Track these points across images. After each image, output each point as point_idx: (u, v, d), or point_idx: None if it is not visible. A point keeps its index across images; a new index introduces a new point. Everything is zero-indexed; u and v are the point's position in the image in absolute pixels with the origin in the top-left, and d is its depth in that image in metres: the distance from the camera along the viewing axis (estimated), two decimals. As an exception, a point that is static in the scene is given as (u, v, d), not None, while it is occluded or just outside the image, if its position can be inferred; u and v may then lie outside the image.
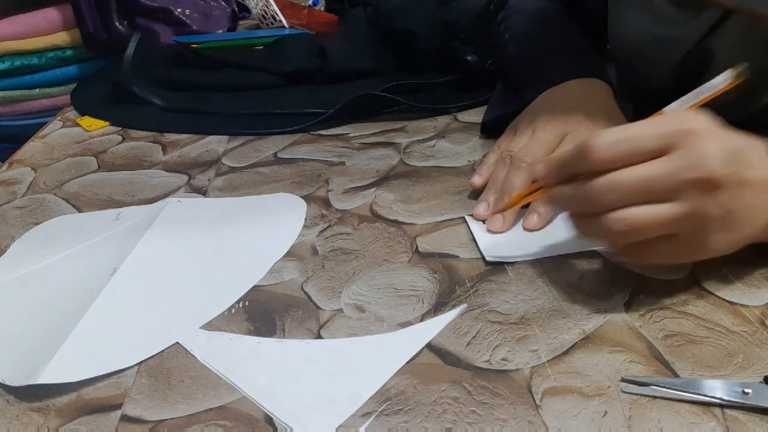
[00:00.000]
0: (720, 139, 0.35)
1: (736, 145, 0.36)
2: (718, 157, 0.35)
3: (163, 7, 1.08)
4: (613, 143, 0.36)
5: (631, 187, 0.36)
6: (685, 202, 0.35)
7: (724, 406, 0.33)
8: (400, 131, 0.70)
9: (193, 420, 0.35)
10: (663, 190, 0.35)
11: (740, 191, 0.36)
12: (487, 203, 0.51)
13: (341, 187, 0.59)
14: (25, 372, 0.38)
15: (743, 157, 0.36)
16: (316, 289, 0.45)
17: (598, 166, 0.36)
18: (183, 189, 0.62)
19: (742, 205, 0.36)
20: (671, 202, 0.36)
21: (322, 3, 1.24)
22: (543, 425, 0.33)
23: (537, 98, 0.57)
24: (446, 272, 0.45)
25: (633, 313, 0.39)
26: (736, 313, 0.39)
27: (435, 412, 0.34)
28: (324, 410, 0.35)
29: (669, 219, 0.36)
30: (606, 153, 0.36)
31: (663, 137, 0.36)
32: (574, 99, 0.55)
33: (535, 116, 0.53)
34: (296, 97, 0.83)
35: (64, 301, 0.45)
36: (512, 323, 0.40)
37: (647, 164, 0.36)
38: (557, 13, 0.69)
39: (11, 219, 0.59)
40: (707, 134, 0.35)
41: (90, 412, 0.36)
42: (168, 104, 0.83)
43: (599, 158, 0.36)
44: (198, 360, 0.39)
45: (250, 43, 1.03)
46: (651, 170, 0.35)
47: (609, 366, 0.36)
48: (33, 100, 1.08)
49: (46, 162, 0.71)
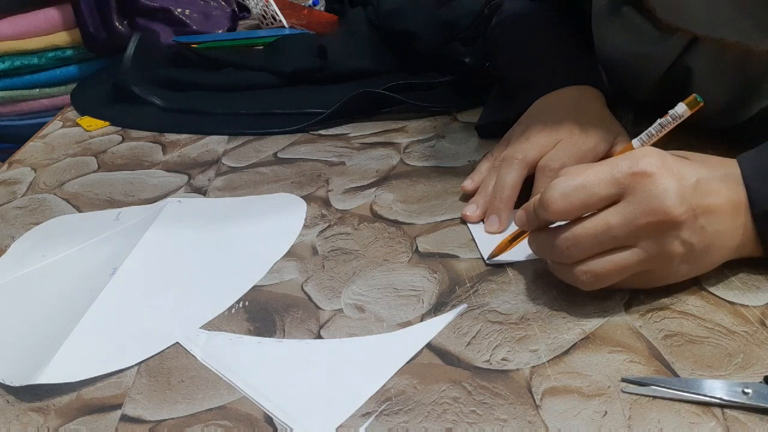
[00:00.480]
0: (672, 177, 0.36)
1: (690, 180, 0.37)
2: (672, 197, 0.35)
3: (163, 7, 1.08)
4: (569, 194, 0.37)
5: (591, 240, 0.37)
6: (647, 245, 0.37)
7: (724, 406, 0.33)
8: (400, 131, 0.70)
9: (193, 420, 0.35)
10: (623, 238, 0.37)
11: (702, 223, 0.37)
12: (476, 205, 0.51)
13: (341, 187, 0.59)
14: (25, 372, 0.38)
15: (700, 189, 0.37)
16: (316, 289, 0.45)
17: (557, 219, 0.38)
18: (183, 189, 0.62)
19: (707, 236, 0.37)
20: (633, 248, 0.37)
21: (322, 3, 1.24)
22: (543, 425, 0.33)
23: (530, 107, 0.57)
24: (446, 272, 0.45)
25: (633, 313, 0.39)
26: (736, 313, 0.39)
27: (435, 412, 0.34)
28: (324, 410, 0.35)
29: (633, 264, 0.37)
30: (562, 206, 0.37)
31: (616, 183, 0.37)
32: (567, 107, 0.55)
33: (529, 125, 0.54)
34: (296, 97, 0.83)
35: (63, 301, 0.45)
36: (512, 323, 0.40)
37: (605, 213, 0.37)
38: (551, 19, 0.69)
39: (11, 219, 0.59)
40: (659, 174, 0.36)
41: (90, 412, 0.36)
42: (168, 104, 0.83)
43: (556, 212, 0.38)
44: (198, 360, 0.39)
45: (250, 43, 1.03)
46: (608, 220, 0.37)
47: (609, 366, 0.36)
48: (33, 100, 1.08)
49: (46, 162, 0.71)
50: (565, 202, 0.37)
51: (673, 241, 0.36)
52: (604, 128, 0.53)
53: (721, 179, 0.38)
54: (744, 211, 0.38)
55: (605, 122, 0.54)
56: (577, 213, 0.37)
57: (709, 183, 0.37)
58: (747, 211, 0.38)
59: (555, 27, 0.67)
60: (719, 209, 0.37)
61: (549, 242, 0.39)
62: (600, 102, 0.57)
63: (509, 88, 0.66)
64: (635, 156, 0.37)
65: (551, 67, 0.62)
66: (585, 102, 0.56)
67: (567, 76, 0.58)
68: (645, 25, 0.53)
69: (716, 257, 0.39)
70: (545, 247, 0.40)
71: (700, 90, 0.40)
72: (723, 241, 0.38)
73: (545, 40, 0.66)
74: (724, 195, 0.37)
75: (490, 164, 0.55)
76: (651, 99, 0.57)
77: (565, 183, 0.38)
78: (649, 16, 0.53)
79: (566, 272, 0.39)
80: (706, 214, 0.37)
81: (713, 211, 0.37)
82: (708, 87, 0.51)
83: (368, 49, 0.91)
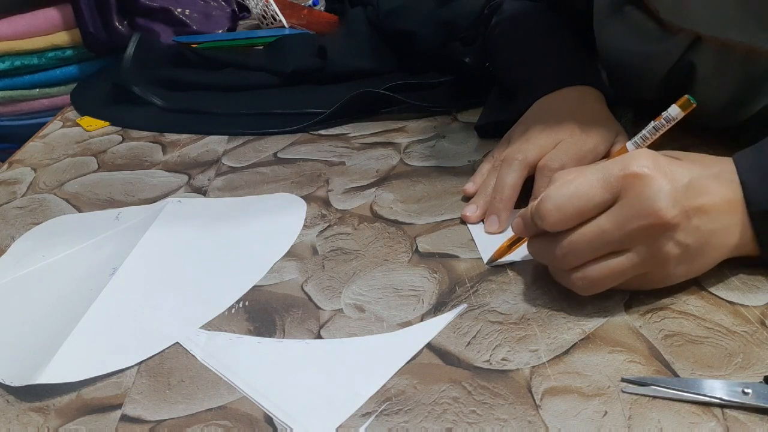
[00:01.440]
0: (665, 178, 0.36)
1: (682, 181, 0.37)
2: (665, 199, 0.35)
3: (163, 7, 1.08)
4: (563, 205, 0.37)
5: (586, 247, 0.37)
6: (641, 248, 0.37)
7: (724, 406, 0.33)
8: (400, 131, 0.70)
9: (193, 420, 0.35)
10: (617, 242, 0.37)
11: (697, 222, 0.37)
12: (476, 206, 0.51)
13: (341, 187, 0.59)
14: (25, 372, 0.38)
15: (692, 189, 0.37)
16: (316, 289, 0.45)
17: (554, 230, 0.38)
18: (183, 189, 0.62)
19: (702, 235, 0.37)
20: (628, 252, 0.37)
21: (322, 3, 1.24)
22: (543, 425, 0.33)
23: (530, 108, 0.57)
24: (446, 272, 0.45)
25: (633, 313, 0.39)
26: (736, 313, 0.39)
27: (435, 412, 0.34)
28: (324, 410, 0.35)
29: (628, 268, 0.37)
30: (558, 217, 0.37)
31: (609, 187, 0.37)
32: (567, 107, 0.55)
33: (529, 126, 0.54)
34: (296, 97, 0.83)
35: (63, 301, 0.45)
36: (512, 323, 0.40)
37: (598, 219, 0.37)
38: (550, 19, 0.69)
39: (11, 219, 0.59)
40: (651, 176, 0.36)
41: (90, 412, 0.36)
42: (168, 104, 0.83)
43: (552, 224, 0.38)
44: (198, 360, 0.39)
45: (250, 43, 1.03)
46: (602, 225, 0.37)
47: (609, 366, 0.36)
48: (33, 100, 1.07)
49: (46, 162, 0.71)
50: (560, 213, 0.37)
51: (667, 243, 0.36)
52: (605, 128, 0.53)
53: (714, 177, 0.38)
54: (740, 209, 0.38)
55: (605, 122, 0.54)
56: (573, 222, 0.37)
57: (702, 182, 0.37)
58: (743, 209, 0.38)
59: (554, 27, 0.67)
60: (713, 208, 0.37)
61: (546, 248, 0.39)
62: (600, 102, 0.57)
63: (509, 88, 0.66)
64: (627, 159, 0.37)
65: (551, 68, 0.62)
66: (585, 102, 0.56)
67: (567, 76, 0.58)
68: (648, 23, 0.53)
69: (713, 256, 0.39)
70: (543, 253, 0.40)
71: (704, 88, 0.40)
72: (719, 239, 0.38)
73: (545, 40, 0.66)
74: (719, 193, 0.37)
75: (491, 166, 0.55)
76: (655, 98, 0.57)
77: (558, 193, 0.38)
78: (652, 15, 0.52)
79: (564, 277, 0.40)
80: (699, 213, 0.36)
81: (707, 210, 0.37)
82: (711, 85, 0.51)
83: (368, 49, 0.91)
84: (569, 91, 0.57)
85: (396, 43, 0.89)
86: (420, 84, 0.79)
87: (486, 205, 0.51)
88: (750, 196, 0.37)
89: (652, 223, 0.35)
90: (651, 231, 0.36)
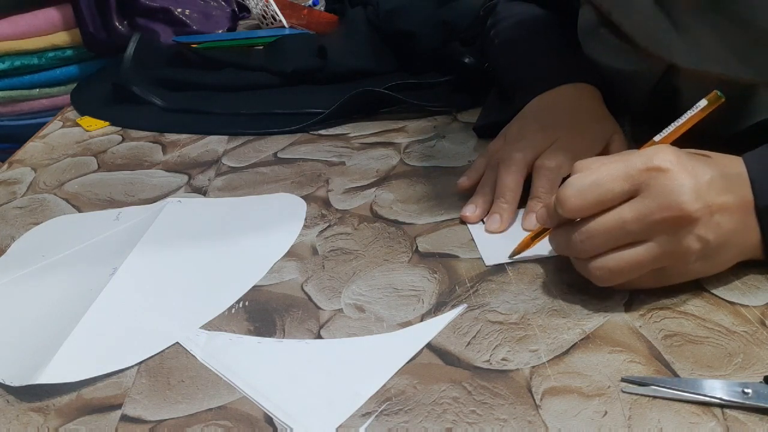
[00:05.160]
0: (687, 173, 0.36)
1: (705, 177, 0.36)
2: (687, 193, 0.35)
3: (163, 7, 1.08)
4: (584, 191, 0.37)
5: (606, 235, 0.37)
6: (662, 240, 0.36)
7: (724, 406, 0.33)
8: (400, 131, 0.70)
9: (193, 420, 0.35)
10: (637, 233, 0.37)
11: (719, 219, 0.37)
12: (475, 206, 0.51)
13: (341, 187, 0.59)
14: (25, 372, 0.38)
15: (714, 187, 0.37)
16: (316, 289, 0.45)
17: (573, 216, 0.38)
18: (183, 189, 0.62)
19: (722, 233, 0.37)
20: (648, 243, 0.37)
21: (322, 3, 1.24)
22: (543, 425, 0.33)
23: (527, 105, 0.57)
24: (446, 272, 0.45)
25: (633, 313, 0.39)
26: (736, 313, 0.39)
27: (435, 412, 0.34)
28: (324, 410, 0.35)
29: (647, 260, 0.37)
30: (576, 203, 0.37)
31: (631, 179, 0.37)
32: (563, 105, 0.55)
33: (525, 123, 0.54)
34: (296, 97, 0.83)
35: (63, 301, 0.45)
36: (512, 323, 0.40)
37: (619, 209, 0.37)
38: (545, 19, 0.69)
39: (11, 219, 0.59)
40: (674, 170, 0.36)
41: (90, 412, 0.36)
42: (168, 104, 0.83)
43: (571, 209, 0.38)
44: (198, 360, 0.39)
45: (250, 43, 1.03)
46: (623, 215, 0.37)
47: (609, 366, 0.36)
48: (33, 100, 1.07)
49: (46, 162, 0.71)
50: (579, 199, 0.37)
51: (687, 236, 0.36)
52: (600, 126, 0.53)
53: (736, 177, 0.38)
54: (752, 210, 0.38)
55: (601, 120, 0.54)
56: (593, 210, 0.37)
57: (723, 181, 0.37)
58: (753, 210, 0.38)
59: (549, 26, 0.67)
60: (733, 207, 0.37)
61: (566, 238, 0.39)
62: (596, 99, 0.56)
63: (506, 87, 0.66)
64: (650, 152, 0.37)
65: (546, 66, 0.62)
66: (581, 100, 0.56)
67: (562, 74, 0.58)
68: (624, 46, 0.53)
69: (730, 255, 0.39)
70: (562, 243, 0.40)
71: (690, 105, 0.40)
72: (737, 239, 0.38)
73: (540, 39, 0.66)
74: (738, 194, 0.37)
75: (486, 161, 0.55)
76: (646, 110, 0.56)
77: (579, 180, 0.38)
78: (628, 39, 0.51)
79: (583, 267, 0.39)
80: (721, 211, 0.36)
81: (728, 208, 0.37)
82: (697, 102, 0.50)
83: (368, 49, 0.91)
84: (565, 89, 0.57)
85: (396, 43, 0.89)
86: (420, 84, 0.79)
87: (485, 205, 0.51)
88: (758, 192, 0.37)
89: (674, 215, 0.35)
90: (673, 223, 0.36)
